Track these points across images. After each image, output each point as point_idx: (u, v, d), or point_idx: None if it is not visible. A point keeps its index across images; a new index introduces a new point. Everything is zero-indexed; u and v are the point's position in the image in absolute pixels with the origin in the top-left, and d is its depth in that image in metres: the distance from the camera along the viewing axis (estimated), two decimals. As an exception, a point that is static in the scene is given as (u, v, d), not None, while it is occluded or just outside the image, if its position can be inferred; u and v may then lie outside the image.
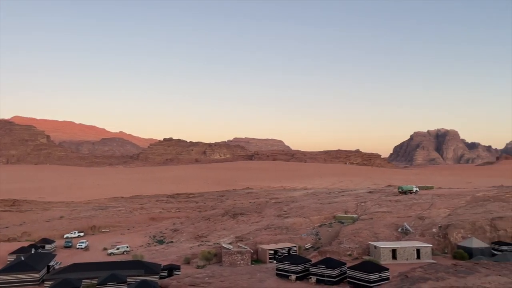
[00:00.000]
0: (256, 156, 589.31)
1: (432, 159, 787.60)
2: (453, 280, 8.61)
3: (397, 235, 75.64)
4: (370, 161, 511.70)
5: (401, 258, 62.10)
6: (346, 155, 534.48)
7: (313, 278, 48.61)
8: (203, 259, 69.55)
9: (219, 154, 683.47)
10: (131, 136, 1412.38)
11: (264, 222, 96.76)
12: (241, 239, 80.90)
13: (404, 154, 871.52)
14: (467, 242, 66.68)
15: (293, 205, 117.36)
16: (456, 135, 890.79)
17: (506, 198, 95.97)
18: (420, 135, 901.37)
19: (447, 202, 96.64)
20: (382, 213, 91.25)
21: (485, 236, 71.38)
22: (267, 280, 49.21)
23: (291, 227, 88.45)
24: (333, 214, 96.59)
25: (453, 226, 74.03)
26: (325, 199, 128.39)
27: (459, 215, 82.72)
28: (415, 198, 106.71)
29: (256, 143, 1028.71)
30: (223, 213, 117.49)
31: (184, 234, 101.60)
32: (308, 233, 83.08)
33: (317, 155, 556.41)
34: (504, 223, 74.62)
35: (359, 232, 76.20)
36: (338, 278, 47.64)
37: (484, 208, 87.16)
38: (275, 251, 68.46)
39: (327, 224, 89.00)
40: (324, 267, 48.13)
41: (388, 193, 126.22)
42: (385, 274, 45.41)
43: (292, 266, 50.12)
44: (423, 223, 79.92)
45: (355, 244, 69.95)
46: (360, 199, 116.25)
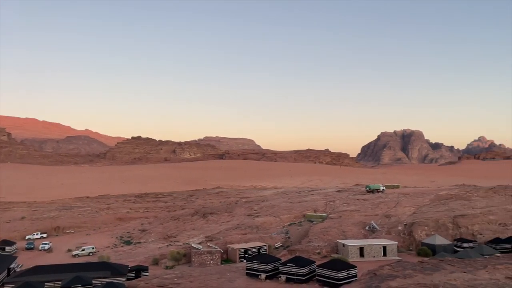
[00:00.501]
0: (227, 155, 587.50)
1: (398, 159, 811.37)
2: (420, 277, 8.80)
3: (364, 233, 77.29)
4: (339, 160, 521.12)
5: (368, 256, 63.45)
6: (316, 155, 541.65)
7: (282, 277, 48.80)
8: (172, 259, 68.51)
9: (189, 153, 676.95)
10: (98, 134, 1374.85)
11: (235, 222, 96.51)
12: (211, 239, 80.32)
13: (372, 154, 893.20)
14: (431, 239, 69.02)
15: (264, 204, 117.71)
16: (421, 135, 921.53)
17: (468, 197, 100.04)
18: (387, 135, 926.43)
19: (412, 201, 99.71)
20: (350, 212, 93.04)
21: (448, 233, 74.13)
22: (237, 280, 49.01)
23: (262, 226, 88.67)
24: (303, 213, 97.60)
25: (418, 224, 76.42)
26: (295, 198, 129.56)
27: (424, 213, 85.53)
28: (382, 197, 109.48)
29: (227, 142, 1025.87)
30: (192, 212, 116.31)
31: (153, 234, 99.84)
32: (278, 232, 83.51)
33: (287, 154, 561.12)
34: (465, 221, 77.76)
35: (328, 230, 77.33)
36: (307, 277, 48.05)
37: (446, 206, 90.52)
38: (245, 251, 68.39)
39: (297, 223, 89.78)
40: (293, 265, 48.41)
41: (356, 192, 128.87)
42: (353, 272, 46.19)
43: (262, 265, 50.12)
44: (390, 221, 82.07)
45: (324, 242, 70.92)
46: (329, 198, 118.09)
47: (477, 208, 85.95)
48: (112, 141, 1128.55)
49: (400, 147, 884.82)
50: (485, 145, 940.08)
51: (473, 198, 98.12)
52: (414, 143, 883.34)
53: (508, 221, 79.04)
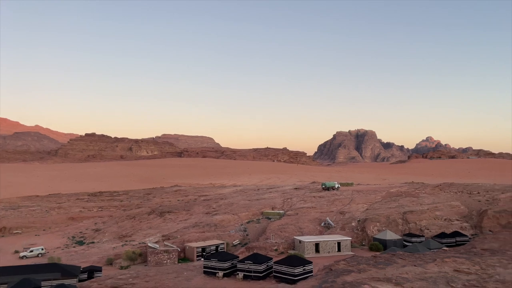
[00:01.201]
0: (186, 153, 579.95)
1: (353, 157, 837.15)
2: (374, 272, 9.40)
3: (320, 229, 79.49)
4: (297, 159, 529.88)
5: (323, 251, 65.37)
6: (274, 153, 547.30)
7: (240, 274, 49.15)
8: (127, 259, 66.95)
9: (146, 150, 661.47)
10: (49, 130, 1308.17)
11: (193, 220, 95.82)
12: (168, 238, 79.30)
13: (328, 153, 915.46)
14: (382, 234, 72.21)
15: (222, 202, 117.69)
16: (374, 135, 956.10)
17: (416, 194, 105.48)
18: (342, 134, 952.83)
19: (365, 198, 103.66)
20: (307, 209, 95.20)
21: (398, 229, 77.91)
22: (194, 278, 48.81)
23: (220, 224, 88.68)
24: (261, 210, 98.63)
25: (370, 220, 79.70)
26: (254, 195, 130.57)
27: (376, 209, 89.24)
28: (336, 194, 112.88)
29: (186, 140, 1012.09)
30: (149, 211, 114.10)
31: (107, 234, 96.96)
32: (236, 229, 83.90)
33: (246, 152, 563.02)
34: (414, 217, 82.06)
35: (285, 227, 78.75)
36: (265, 273, 48.72)
37: (397, 203, 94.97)
38: (203, 249, 68.17)
39: (255, 220, 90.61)
40: (251, 262, 48.89)
41: (313, 190, 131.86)
42: (308, 267, 47.41)
43: (220, 263, 50.20)
44: (344, 218, 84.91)
45: (281, 239, 72.17)
46: (287, 195, 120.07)
47: (424, 205, 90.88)
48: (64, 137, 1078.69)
49: (354, 146, 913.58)
50: (432, 145, 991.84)
51: (421, 195, 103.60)
52: (367, 142, 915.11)
53: (453, 216, 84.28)
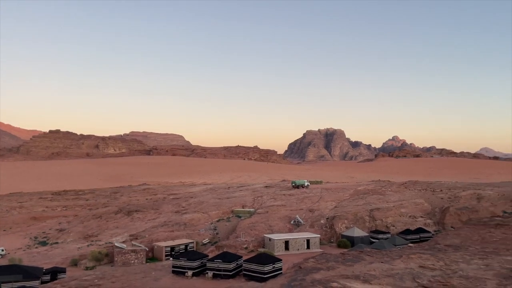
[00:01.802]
0: (155, 151, 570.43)
1: (322, 156, 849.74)
2: (342, 269, 9.49)
3: (290, 227, 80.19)
4: (267, 157, 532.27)
5: (293, 249, 65.95)
6: (245, 151, 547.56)
7: (209, 273, 48.83)
8: (92, 260, 65.08)
9: (113, 148, 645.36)
10: (10, 126, 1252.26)
11: (161, 219, 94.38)
12: (135, 237, 77.73)
13: (298, 151, 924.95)
14: (350, 231, 73.69)
15: (192, 201, 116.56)
16: (342, 134, 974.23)
17: (382, 191, 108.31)
18: (311, 133, 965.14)
19: (334, 195, 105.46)
20: (277, 207, 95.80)
21: (365, 226, 79.74)
22: (163, 278, 48.04)
23: (189, 223, 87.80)
24: (231, 208, 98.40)
25: (338, 217, 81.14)
26: (224, 194, 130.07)
27: (344, 207, 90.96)
28: (306, 192, 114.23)
29: (155, 138, 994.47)
30: (116, 210, 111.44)
31: (72, 234, 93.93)
32: (206, 228, 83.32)
33: (217, 150, 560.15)
34: (380, 214, 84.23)
35: (255, 225, 78.93)
36: (235, 272, 48.63)
37: (364, 200, 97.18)
38: (172, 248, 67.26)
39: (225, 219, 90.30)
40: (221, 261, 48.68)
41: (283, 188, 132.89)
42: (278, 265, 47.73)
43: (189, 262, 49.69)
44: (313, 215, 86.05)
45: (251, 237, 72.26)
46: (257, 194, 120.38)
47: (390, 202, 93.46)
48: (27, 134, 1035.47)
49: (323, 145, 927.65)
50: (398, 144, 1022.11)
51: (387, 192, 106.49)
52: (336, 141, 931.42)
53: (417, 213, 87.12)
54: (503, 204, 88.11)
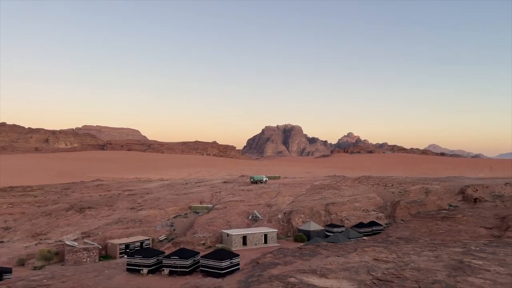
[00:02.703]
0: (109, 146, 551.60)
1: (280, 152, 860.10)
2: (300, 263, 9.55)
3: (248, 222, 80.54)
4: (226, 152, 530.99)
5: (250, 244, 66.29)
6: (203, 147, 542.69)
7: (166, 270, 48.02)
8: (41, 259, 61.96)
9: (64, 142, 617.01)
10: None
11: (116, 216, 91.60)
12: (88, 235, 74.89)
13: (256, 147, 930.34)
14: (306, 225, 75.19)
15: (148, 197, 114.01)
16: (300, 130, 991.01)
17: (338, 186, 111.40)
18: (270, 129, 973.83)
19: (291, 191, 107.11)
20: (235, 202, 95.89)
21: (321, 220, 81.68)
22: (116, 277, 46.64)
23: (145, 219, 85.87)
24: (189, 204, 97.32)
25: (295, 212, 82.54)
26: (181, 190, 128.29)
27: (301, 202, 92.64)
28: (264, 187, 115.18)
29: (109, 132, 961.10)
30: (67, 207, 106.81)
31: (18, 232, 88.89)
32: (162, 224, 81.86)
33: (175, 146, 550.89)
34: (335, 208, 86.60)
35: (213, 221, 78.56)
36: (192, 268, 48.14)
37: (320, 195, 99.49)
38: (127, 245, 65.50)
39: (182, 215, 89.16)
40: (177, 258, 48.00)
41: (241, 183, 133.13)
42: (236, 260, 47.78)
43: (144, 259, 48.59)
44: (271, 210, 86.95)
45: (209, 233, 71.84)
46: (216, 189, 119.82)
47: (345, 197, 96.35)
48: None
49: (281, 141, 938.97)
50: (353, 140, 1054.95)
51: (342, 187, 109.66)
52: (294, 137, 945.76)
53: (370, 207, 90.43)
54: (448, 197, 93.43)
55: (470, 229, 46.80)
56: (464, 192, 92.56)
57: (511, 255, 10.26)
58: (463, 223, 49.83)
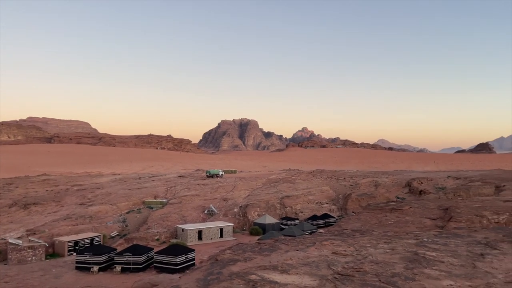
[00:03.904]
0: (56, 139, 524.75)
1: (236, 146, 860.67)
2: (259, 259, 9.43)
3: (203, 216, 79.90)
4: (181, 146, 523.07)
5: (206, 238, 65.82)
6: (158, 140, 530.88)
7: (118, 267, 46.60)
8: (-20, 259, 57.88)
9: (7, 135, 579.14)
10: None
11: (64, 212, 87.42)
12: (33, 232, 70.80)
13: (212, 141, 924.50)
14: (262, 219, 75.81)
15: (99, 192, 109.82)
16: (256, 124, 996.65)
17: (292, 180, 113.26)
18: (226, 123, 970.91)
19: (247, 184, 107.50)
20: (191, 197, 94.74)
21: (276, 213, 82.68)
22: (65, 275, 44.61)
23: (96, 215, 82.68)
24: (143, 199, 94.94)
25: (251, 206, 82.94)
26: (135, 184, 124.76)
27: (256, 195, 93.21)
28: (220, 182, 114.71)
29: (57, 124, 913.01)
30: (10, 203, 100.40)
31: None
32: (114, 220, 79.27)
33: (127, 139, 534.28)
34: (290, 201, 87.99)
35: (168, 216, 77.18)
36: (145, 264, 47.03)
37: (275, 188, 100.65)
38: (76, 243, 62.72)
39: (135, 210, 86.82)
40: (130, 254, 46.70)
41: (197, 177, 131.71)
42: (191, 256, 47.23)
43: (95, 257, 46.85)
44: (227, 204, 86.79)
45: (163, 228, 70.52)
46: (170, 184, 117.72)
47: (299, 190, 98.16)
48: None
49: (237, 135, 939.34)
50: (307, 135, 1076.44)
51: (297, 181, 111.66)
52: (250, 131, 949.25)
53: (323, 200, 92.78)
54: (396, 190, 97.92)
55: (417, 220, 49.13)
56: (410, 185, 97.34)
57: (462, 246, 10.77)
58: (410, 214, 52.22)
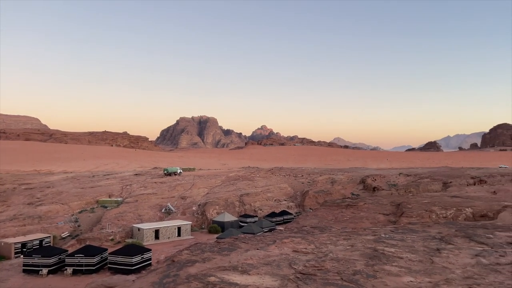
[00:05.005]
0: (3, 135, 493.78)
1: (195, 143, 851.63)
2: (219, 259, 9.10)
3: (160, 215, 78.14)
4: (138, 143, 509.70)
5: (163, 238, 64.41)
6: (113, 137, 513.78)
7: (69, 269, 44.48)
8: None
9: None
10: None
11: (10, 212, 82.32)
12: (-25, 235, 66.19)
13: (170, 138, 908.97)
14: (220, 217, 75.31)
15: (49, 191, 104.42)
16: (215, 122, 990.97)
17: (252, 177, 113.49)
18: (185, 120, 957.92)
19: (206, 182, 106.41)
20: (148, 195, 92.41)
21: (235, 211, 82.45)
22: (11, 279, 41.98)
23: (46, 215, 78.57)
24: (96, 198, 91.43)
25: (210, 204, 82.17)
26: (88, 183, 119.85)
27: (215, 193, 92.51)
28: (178, 179, 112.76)
29: (3, 120, 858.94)
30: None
31: None
32: (66, 220, 75.72)
33: (80, 136, 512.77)
34: (249, 199, 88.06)
35: (123, 215, 74.83)
36: (98, 266, 45.22)
37: (235, 186, 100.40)
38: (23, 244, 59.23)
39: (88, 210, 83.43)
40: (82, 256, 44.72)
41: (154, 175, 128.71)
42: (147, 255, 45.98)
43: (44, 259, 44.45)
44: (185, 202, 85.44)
45: (118, 228, 68.29)
46: (126, 182, 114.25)
47: (258, 187, 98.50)
48: None
49: (196, 132, 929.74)
50: (266, 133, 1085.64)
51: (256, 178, 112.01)
52: (209, 129, 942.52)
53: (282, 197, 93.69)
54: (351, 187, 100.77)
55: (371, 216, 50.74)
56: (364, 182, 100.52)
57: (418, 241, 11.01)
58: (364, 210, 53.84)
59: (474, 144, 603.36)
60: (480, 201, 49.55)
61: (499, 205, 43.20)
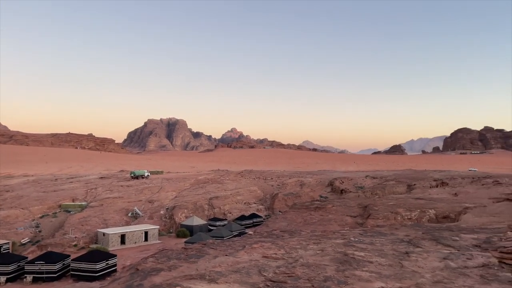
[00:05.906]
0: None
1: (163, 146, 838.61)
2: (185, 267, 8.75)
3: (127, 219, 76.15)
4: (104, 146, 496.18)
5: (130, 242, 62.74)
6: (77, 139, 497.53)
7: (29, 277, 42.44)
8: None
9: None
10: None
11: (-36, 218, 77.80)
12: None
13: (138, 140, 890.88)
14: (189, 220, 74.22)
15: (8, 195, 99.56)
16: (185, 124, 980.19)
17: (221, 180, 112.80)
18: (153, 122, 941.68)
19: (175, 185, 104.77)
20: (113, 199, 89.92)
21: (204, 214, 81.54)
22: (-37, 290, 39.52)
23: (4, 220, 74.78)
24: (59, 203, 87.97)
25: (178, 207, 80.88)
26: (50, 186, 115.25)
27: (184, 196, 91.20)
28: (146, 183, 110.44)
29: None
30: None
31: None
32: (26, 226, 72.33)
33: (43, 137, 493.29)
34: (219, 202, 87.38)
35: (88, 220, 72.40)
36: (60, 273, 43.40)
37: (204, 189, 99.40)
38: (-22, 252, 56.05)
39: (51, 215, 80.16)
40: (43, 263, 42.79)
41: (121, 179, 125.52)
42: (112, 261, 44.58)
43: (2, 266, 42.26)
44: (153, 206, 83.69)
45: (82, 233, 65.96)
46: (91, 185, 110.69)
47: (228, 190, 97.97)
48: None
49: (165, 135, 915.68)
50: (236, 136, 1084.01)
51: (226, 181, 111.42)
52: (178, 131, 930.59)
53: (251, 200, 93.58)
54: (320, 189, 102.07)
55: (339, 218, 51.43)
56: (332, 184, 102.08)
57: (387, 244, 11.06)
58: (332, 212, 54.53)
59: (436, 147, 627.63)
60: (442, 202, 51.30)
61: (460, 206, 44.86)
